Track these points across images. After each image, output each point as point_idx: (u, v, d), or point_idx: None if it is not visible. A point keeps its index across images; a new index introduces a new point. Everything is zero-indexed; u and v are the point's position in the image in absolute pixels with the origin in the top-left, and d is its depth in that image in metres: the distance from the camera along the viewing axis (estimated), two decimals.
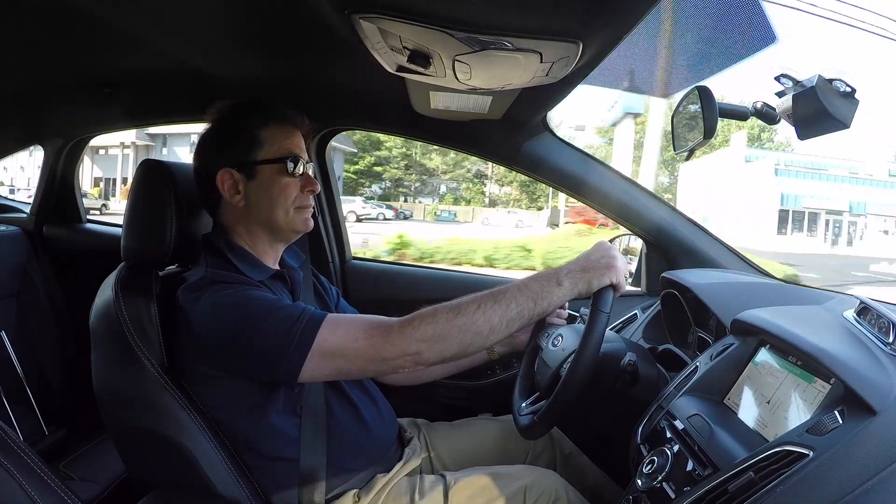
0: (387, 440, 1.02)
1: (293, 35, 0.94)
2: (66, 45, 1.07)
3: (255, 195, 0.92)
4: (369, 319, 0.82)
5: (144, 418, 0.85)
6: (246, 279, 0.88)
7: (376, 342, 0.78)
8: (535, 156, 1.37)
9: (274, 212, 0.92)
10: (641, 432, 0.86)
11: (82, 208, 1.84)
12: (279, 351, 0.78)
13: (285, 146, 0.93)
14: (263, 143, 0.92)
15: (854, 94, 0.77)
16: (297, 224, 0.94)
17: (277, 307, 0.81)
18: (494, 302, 0.80)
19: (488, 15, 0.66)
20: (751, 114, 0.95)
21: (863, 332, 0.75)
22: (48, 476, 0.69)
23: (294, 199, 0.93)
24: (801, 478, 0.58)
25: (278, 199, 0.92)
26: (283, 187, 0.92)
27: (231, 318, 0.80)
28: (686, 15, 1.17)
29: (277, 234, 0.95)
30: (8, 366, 1.53)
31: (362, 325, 0.80)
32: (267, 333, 0.79)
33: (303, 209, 0.94)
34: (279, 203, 0.92)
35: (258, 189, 0.91)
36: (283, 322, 0.79)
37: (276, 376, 0.80)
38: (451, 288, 1.60)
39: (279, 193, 0.92)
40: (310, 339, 0.78)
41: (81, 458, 1.45)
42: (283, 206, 0.92)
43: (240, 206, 0.92)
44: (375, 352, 0.79)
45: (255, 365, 0.80)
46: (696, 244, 1.36)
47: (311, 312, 0.81)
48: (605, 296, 0.89)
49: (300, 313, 0.80)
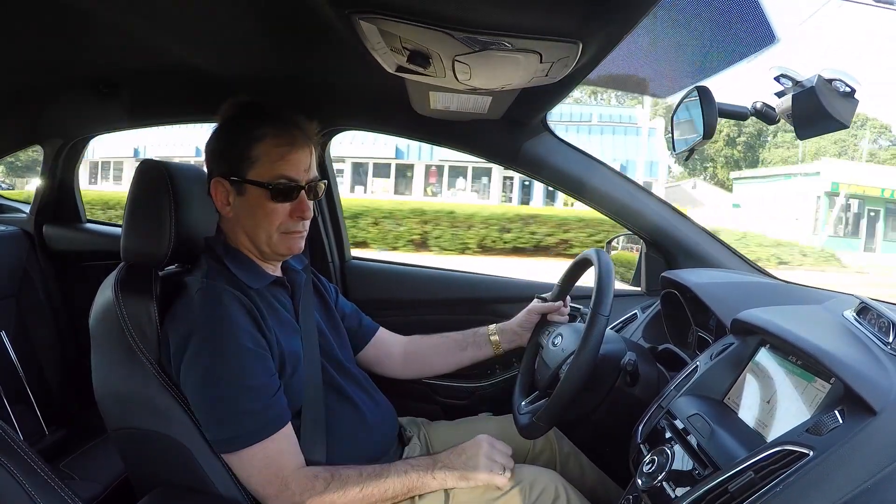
0: (387, 439, 1.02)
1: (293, 35, 0.94)
2: (66, 44, 1.07)
3: (243, 212, 0.90)
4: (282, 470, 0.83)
5: (144, 418, 0.85)
6: (245, 289, 0.88)
7: (267, 492, 0.83)
8: (534, 156, 1.37)
9: (257, 233, 0.90)
10: (641, 432, 0.86)
11: (82, 208, 1.84)
12: (215, 427, 0.82)
13: (277, 169, 0.87)
14: (254, 162, 0.87)
15: (854, 93, 0.78)
16: (281, 248, 0.91)
17: (247, 396, 0.82)
18: (375, 485, 0.85)
19: (488, 15, 0.66)
20: (750, 114, 0.95)
21: (863, 331, 0.75)
22: (48, 476, 0.69)
23: (279, 225, 0.90)
24: (801, 477, 0.58)
25: (262, 221, 0.89)
26: (267, 213, 0.88)
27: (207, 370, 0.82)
28: (686, 15, 1.17)
29: (263, 254, 0.93)
30: (8, 366, 1.53)
31: (273, 466, 0.83)
32: (221, 406, 0.82)
33: (289, 234, 0.91)
34: (263, 226, 0.89)
35: (245, 206, 0.89)
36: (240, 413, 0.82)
37: (206, 435, 0.84)
38: (451, 288, 1.60)
39: (262, 217, 0.89)
40: (246, 443, 0.82)
41: (81, 458, 1.45)
42: (266, 231, 0.89)
43: (229, 216, 0.91)
44: (262, 492, 0.84)
45: (198, 414, 0.83)
46: (696, 244, 1.36)
47: (265, 419, 0.82)
48: (604, 298, 0.89)
49: (258, 410, 0.82)
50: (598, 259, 0.99)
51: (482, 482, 0.89)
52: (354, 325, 1.15)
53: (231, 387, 0.81)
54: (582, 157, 1.39)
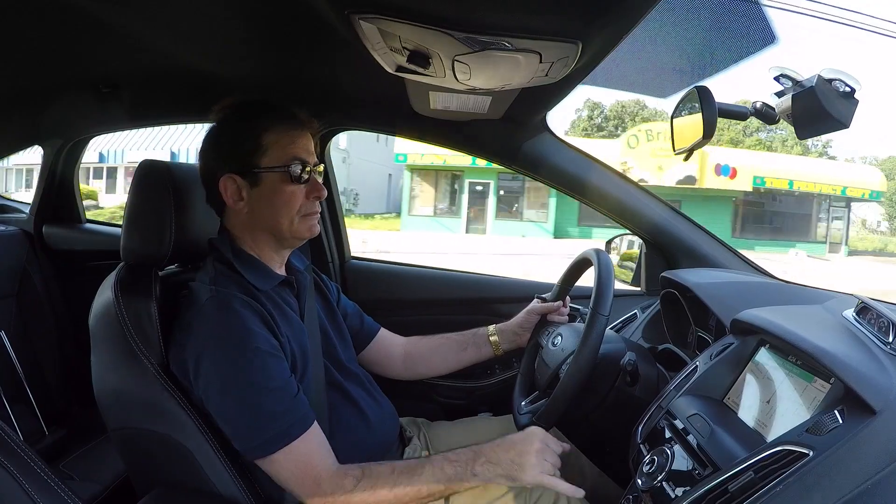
0: (388, 438, 1.02)
1: (293, 35, 0.94)
2: (66, 45, 1.07)
3: (259, 203, 0.89)
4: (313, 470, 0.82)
5: (144, 418, 0.85)
6: (254, 292, 0.88)
7: (302, 492, 0.83)
8: (534, 156, 1.37)
9: (278, 221, 0.90)
10: (641, 432, 0.86)
11: (82, 208, 1.84)
12: (242, 436, 0.82)
13: (290, 151, 0.89)
14: (267, 149, 0.88)
15: (853, 94, 0.78)
16: (303, 232, 0.92)
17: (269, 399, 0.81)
18: (408, 483, 0.82)
19: (488, 15, 0.66)
20: (750, 114, 0.95)
21: (863, 331, 0.75)
22: (48, 476, 0.69)
23: (300, 207, 0.90)
24: (801, 477, 0.58)
25: (283, 208, 0.89)
26: (287, 196, 0.89)
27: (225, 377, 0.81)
28: (686, 15, 1.17)
29: (282, 242, 0.94)
30: (8, 366, 1.53)
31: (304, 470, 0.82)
32: (244, 413, 0.81)
33: (308, 216, 0.92)
34: (283, 212, 0.89)
35: (262, 197, 0.89)
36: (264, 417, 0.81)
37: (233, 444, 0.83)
38: (451, 288, 1.60)
39: (284, 202, 0.89)
40: (268, 451, 0.81)
41: (81, 458, 1.45)
42: (288, 216, 0.90)
43: (243, 212, 0.90)
44: (298, 491, 0.83)
45: (222, 424, 0.83)
46: (696, 244, 1.36)
47: (290, 423, 0.82)
48: (603, 298, 0.89)
49: (281, 414, 0.81)
50: (597, 259, 0.99)
51: (529, 483, 0.83)
52: (357, 325, 1.15)
53: (254, 392, 0.81)
54: (582, 156, 1.39)
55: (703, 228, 1.40)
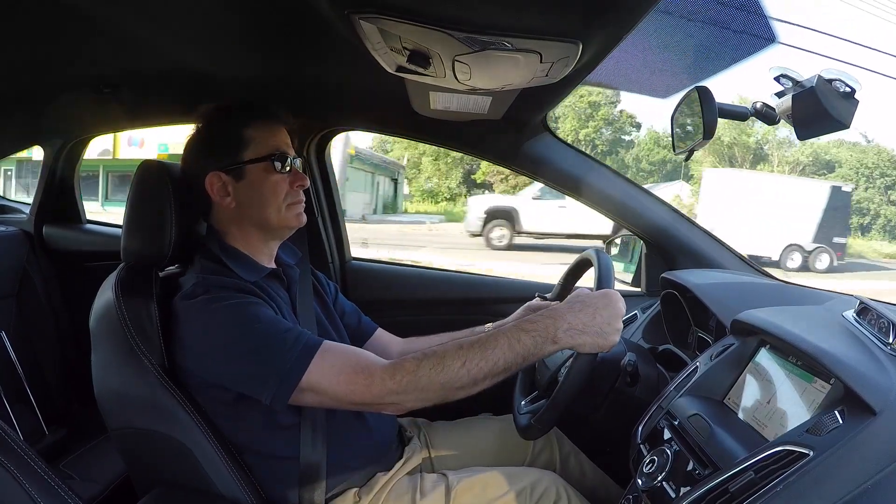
0: (387, 438, 1.02)
1: (293, 35, 0.94)
2: (66, 45, 1.07)
3: (246, 195, 0.92)
4: (355, 361, 0.80)
5: (144, 418, 0.85)
6: (240, 283, 0.88)
7: (357, 388, 0.79)
8: (534, 156, 1.37)
9: (265, 211, 0.92)
10: (641, 432, 0.86)
11: (82, 209, 1.84)
12: (268, 379, 0.79)
13: (271, 143, 0.93)
14: (249, 143, 0.92)
15: (854, 94, 0.78)
16: (290, 220, 0.94)
17: (271, 332, 0.81)
18: (482, 358, 0.78)
19: (488, 15, 0.66)
20: (750, 114, 0.95)
21: (863, 332, 0.75)
22: (48, 476, 0.69)
23: (285, 196, 0.93)
24: (801, 478, 0.58)
25: (270, 197, 0.92)
26: (272, 185, 0.92)
27: (224, 338, 0.81)
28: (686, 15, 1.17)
29: (271, 233, 0.95)
30: (8, 366, 1.53)
31: (347, 366, 0.80)
32: (258, 359, 0.80)
33: (294, 205, 0.95)
34: (271, 201, 0.92)
35: (248, 189, 0.91)
36: (276, 349, 0.79)
37: (264, 400, 0.80)
38: (451, 288, 1.60)
39: (270, 192, 0.92)
40: (300, 372, 0.78)
41: (81, 458, 1.45)
42: (275, 205, 0.92)
43: (231, 207, 0.92)
44: (355, 397, 0.79)
45: (245, 387, 0.81)
46: (696, 244, 1.36)
47: (306, 340, 0.81)
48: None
49: (294, 340, 0.80)
50: (597, 259, 0.99)
51: (607, 348, 0.80)
52: (353, 324, 1.15)
53: (257, 335, 0.80)
54: (582, 157, 1.39)
55: (703, 228, 1.39)
